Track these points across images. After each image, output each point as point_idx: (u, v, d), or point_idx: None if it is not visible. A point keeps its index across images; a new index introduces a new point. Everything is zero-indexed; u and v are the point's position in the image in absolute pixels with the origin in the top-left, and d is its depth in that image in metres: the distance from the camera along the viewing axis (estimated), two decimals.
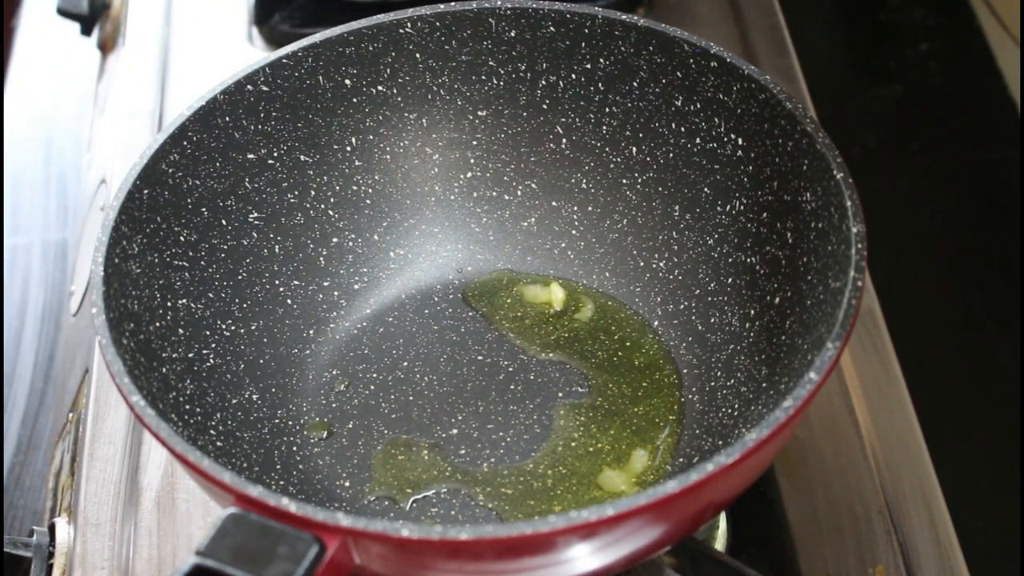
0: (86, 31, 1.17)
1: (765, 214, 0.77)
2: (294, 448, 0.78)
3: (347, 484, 0.77)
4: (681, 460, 0.76)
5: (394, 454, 0.78)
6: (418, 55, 0.83)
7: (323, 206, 0.84)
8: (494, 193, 0.88)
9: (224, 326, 0.78)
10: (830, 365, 0.61)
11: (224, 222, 0.79)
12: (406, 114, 0.85)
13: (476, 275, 0.87)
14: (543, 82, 0.84)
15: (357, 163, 0.85)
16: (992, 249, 1.01)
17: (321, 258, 0.85)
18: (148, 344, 0.70)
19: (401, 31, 0.82)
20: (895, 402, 0.84)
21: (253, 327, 0.80)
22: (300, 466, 0.77)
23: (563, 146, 0.85)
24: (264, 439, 0.76)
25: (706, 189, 0.81)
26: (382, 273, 0.87)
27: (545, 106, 0.84)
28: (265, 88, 0.80)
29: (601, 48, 0.81)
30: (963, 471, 0.84)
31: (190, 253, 0.77)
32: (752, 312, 0.78)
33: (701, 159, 0.80)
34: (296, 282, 0.83)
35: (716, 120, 0.79)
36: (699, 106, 0.79)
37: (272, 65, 0.80)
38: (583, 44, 0.81)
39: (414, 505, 0.75)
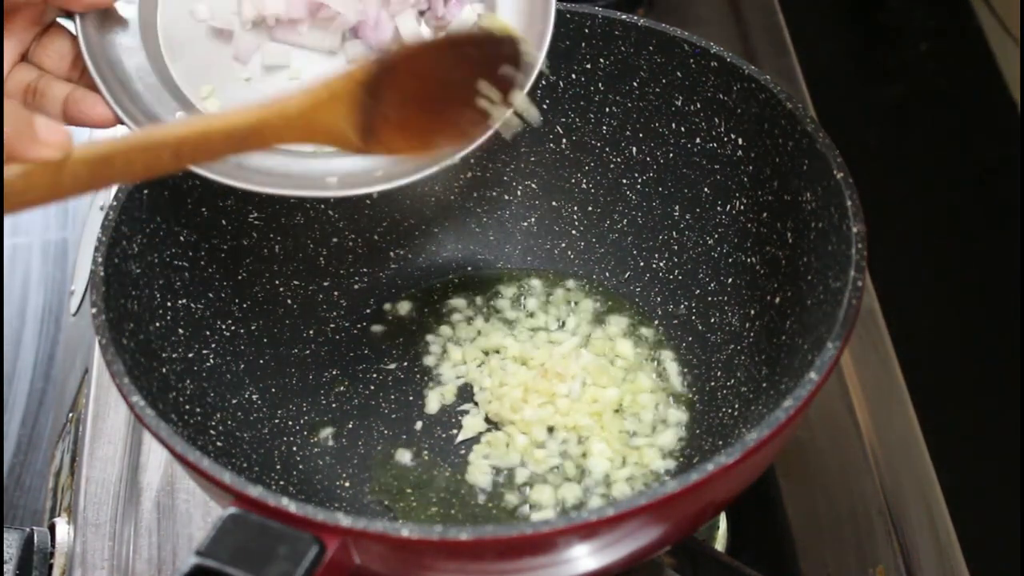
0: None
1: (765, 214, 0.77)
2: (294, 448, 0.78)
3: (347, 484, 0.77)
4: (681, 460, 0.76)
5: (394, 454, 0.78)
6: None
7: (323, 206, 0.84)
8: (494, 193, 0.88)
9: (224, 326, 0.78)
10: (830, 365, 0.61)
11: (224, 222, 0.79)
12: None
13: (476, 275, 0.87)
14: (543, 82, 0.83)
15: None
16: (992, 249, 1.01)
17: (321, 258, 0.85)
18: (148, 344, 0.70)
19: None
20: (895, 402, 0.84)
21: (253, 327, 0.80)
22: (300, 466, 0.77)
23: (563, 146, 0.85)
24: (264, 439, 0.76)
25: (706, 189, 0.81)
26: (382, 273, 0.87)
27: (545, 106, 0.84)
28: None
29: (601, 48, 0.81)
30: (963, 471, 0.84)
31: (190, 253, 0.77)
32: (752, 312, 0.78)
33: (701, 159, 0.80)
34: (296, 282, 0.83)
35: (716, 120, 0.79)
36: (699, 106, 0.79)
37: None
38: (583, 44, 0.81)
39: (414, 504, 0.75)
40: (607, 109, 0.83)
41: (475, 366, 0.82)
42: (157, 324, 0.73)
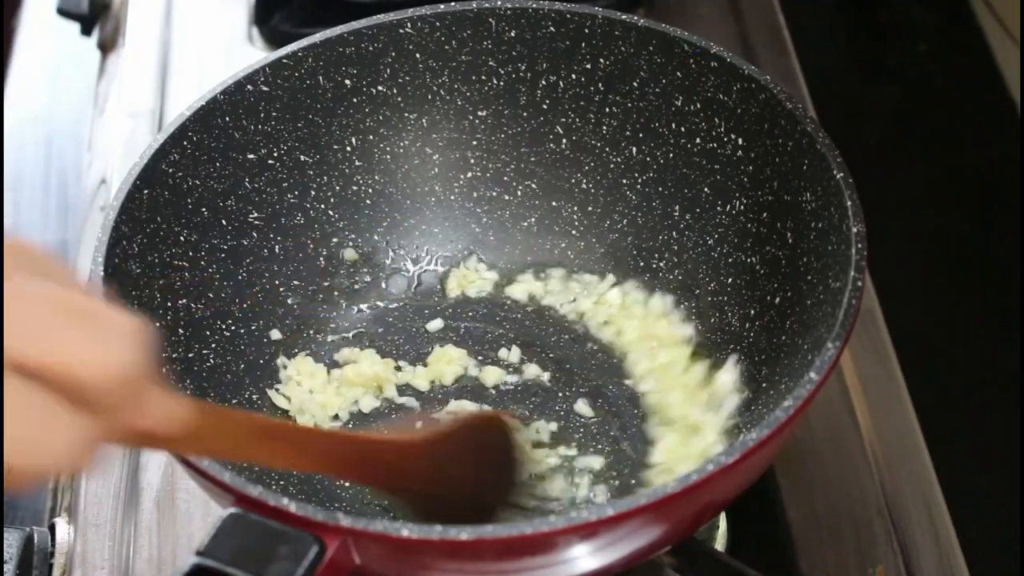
0: (86, 31, 1.16)
1: (765, 214, 0.77)
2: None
3: (347, 484, 0.77)
4: None
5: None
6: (418, 55, 0.83)
7: (323, 206, 0.84)
8: (494, 193, 0.87)
9: (224, 326, 0.78)
10: (830, 365, 0.61)
11: (224, 222, 0.79)
12: (406, 114, 0.85)
13: (476, 275, 0.87)
14: (543, 82, 0.84)
15: (357, 163, 0.85)
16: (992, 249, 1.01)
17: (321, 258, 0.85)
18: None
19: (401, 31, 0.82)
20: (895, 402, 0.84)
21: (253, 327, 0.80)
22: None
23: (563, 146, 0.85)
24: None
25: (706, 189, 0.81)
26: (382, 273, 0.87)
27: (545, 106, 0.84)
28: (265, 88, 0.80)
29: (601, 48, 0.81)
30: (963, 471, 0.84)
31: (190, 253, 0.77)
32: (752, 312, 0.78)
33: (701, 159, 0.80)
34: (296, 282, 0.83)
35: (716, 120, 0.79)
36: (699, 106, 0.79)
37: (272, 65, 0.80)
38: (583, 44, 0.81)
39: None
40: (607, 109, 0.83)
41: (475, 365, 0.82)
42: (157, 324, 0.73)
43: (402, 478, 0.63)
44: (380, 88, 0.84)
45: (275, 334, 0.81)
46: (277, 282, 0.82)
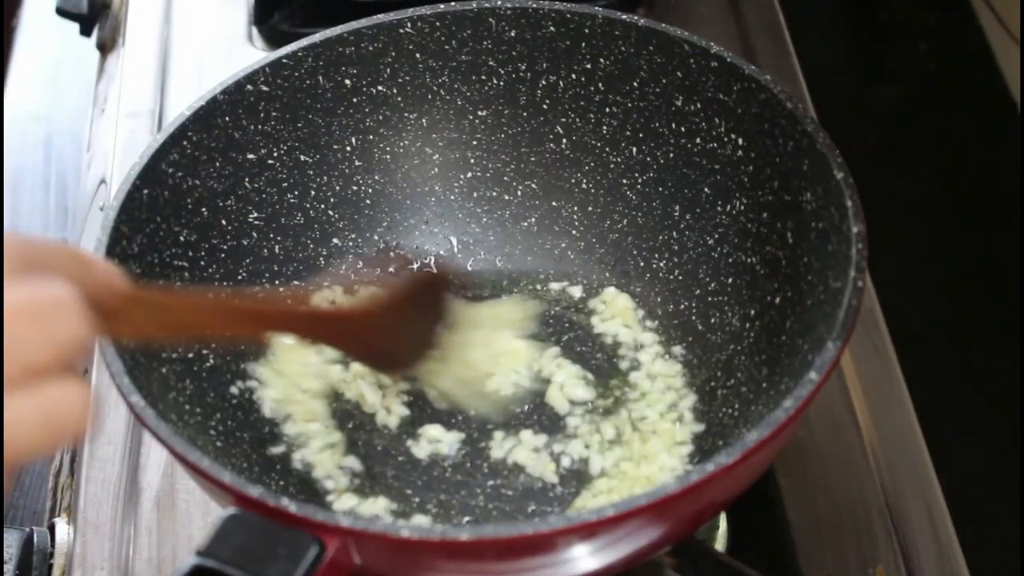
0: (86, 31, 1.17)
1: (765, 214, 0.77)
2: (294, 448, 0.78)
3: None
4: None
5: (395, 454, 0.78)
6: (418, 55, 0.83)
7: (323, 206, 0.84)
8: (494, 193, 0.88)
9: None
10: (830, 365, 0.61)
11: (224, 222, 0.79)
12: (406, 114, 0.85)
13: (476, 275, 0.87)
14: (543, 82, 0.84)
15: (357, 163, 0.85)
16: (992, 249, 1.01)
17: (321, 258, 0.85)
18: (148, 344, 0.70)
19: (401, 31, 0.82)
20: (895, 402, 0.84)
21: None
22: (300, 466, 0.77)
23: (563, 146, 0.85)
24: (264, 439, 0.76)
25: (706, 189, 0.81)
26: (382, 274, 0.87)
27: (545, 106, 0.84)
28: (265, 88, 0.80)
29: (601, 48, 0.81)
30: (963, 471, 0.84)
31: (190, 253, 0.77)
32: (752, 312, 0.78)
33: (701, 159, 0.80)
34: (296, 282, 0.83)
35: (716, 120, 0.79)
36: (699, 106, 0.79)
37: (272, 65, 0.80)
38: (583, 44, 0.81)
39: (415, 505, 0.75)
40: (607, 109, 0.83)
41: None
42: None
43: (347, 339, 0.70)
44: (380, 88, 0.84)
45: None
46: (277, 282, 0.82)
